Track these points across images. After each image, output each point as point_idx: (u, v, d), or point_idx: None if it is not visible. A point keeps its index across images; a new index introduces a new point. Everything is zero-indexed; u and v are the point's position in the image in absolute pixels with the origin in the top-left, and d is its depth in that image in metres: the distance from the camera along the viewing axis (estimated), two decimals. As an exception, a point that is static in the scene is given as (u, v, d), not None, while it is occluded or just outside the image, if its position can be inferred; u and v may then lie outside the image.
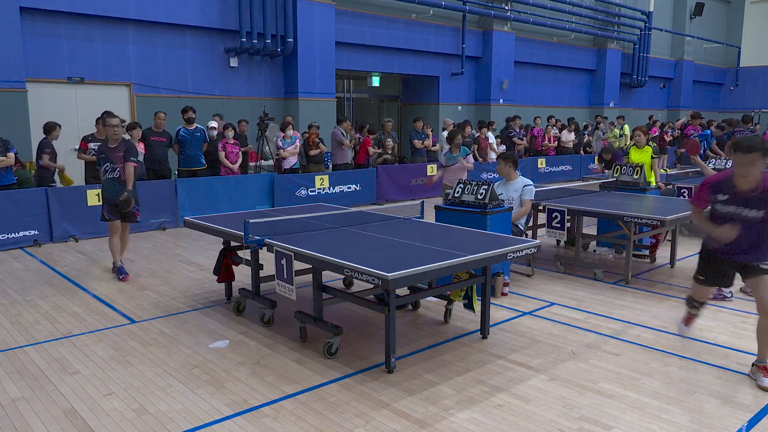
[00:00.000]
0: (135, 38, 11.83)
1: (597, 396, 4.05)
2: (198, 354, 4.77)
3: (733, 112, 29.25)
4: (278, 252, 4.74)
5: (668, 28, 25.60)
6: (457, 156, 8.73)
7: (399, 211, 6.20)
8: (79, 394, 4.08)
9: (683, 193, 9.04)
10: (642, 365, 4.55)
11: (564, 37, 20.67)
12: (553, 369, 4.48)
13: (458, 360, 4.64)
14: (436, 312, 5.74)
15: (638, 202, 7.38)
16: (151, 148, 9.93)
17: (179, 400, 4.00)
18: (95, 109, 10.44)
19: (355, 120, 16.02)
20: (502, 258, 4.65)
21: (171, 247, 8.68)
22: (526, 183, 6.81)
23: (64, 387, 4.19)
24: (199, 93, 12.65)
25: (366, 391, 4.10)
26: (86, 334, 5.22)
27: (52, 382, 4.28)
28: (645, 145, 8.58)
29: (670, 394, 4.08)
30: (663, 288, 6.62)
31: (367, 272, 3.99)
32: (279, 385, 4.21)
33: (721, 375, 4.40)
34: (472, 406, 3.91)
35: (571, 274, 7.14)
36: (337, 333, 4.70)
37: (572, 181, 14.22)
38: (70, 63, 11.09)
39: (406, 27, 16.15)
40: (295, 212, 6.34)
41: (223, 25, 12.76)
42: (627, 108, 23.94)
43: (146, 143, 9.87)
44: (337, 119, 13.47)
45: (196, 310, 5.89)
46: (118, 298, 6.26)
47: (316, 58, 13.82)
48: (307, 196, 11.37)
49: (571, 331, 5.29)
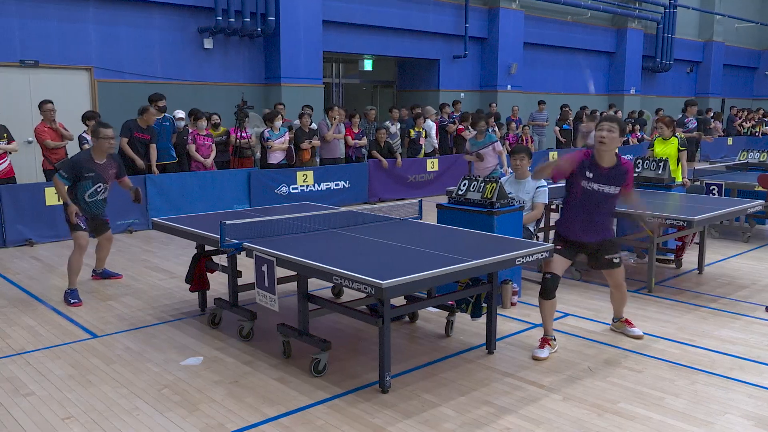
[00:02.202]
0: (96, 17, 11.80)
1: (616, 417, 4.07)
2: (168, 372, 4.76)
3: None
4: (258, 257, 4.74)
5: (696, 5, 25.72)
6: (481, 143, 9.15)
7: (394, 211, 6.21)
8: (33, 419, 4.06)
9: (712, 190, 9.09)
10: (667, 383, 4.57)
11: (579, 16, 20.74)
12: (567, 388, 4.49)
13: (461, 378, 4.65)
14: (437, 324, 5.75)
15: (662, 201, 7.41)
16: (134, 144, 9.91)
17: (147, 424, 3.99)
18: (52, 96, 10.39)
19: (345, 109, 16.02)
20: (510, 263, 4.66)
21: (138, 252, 8.66)
22: (539, 184, 6.85)
23: (16, 410, 4.17)
24: (168, 78, 12.63)
25: (357, 414, 4.11)
26: (41, 351, 5.19)
27: (2, 405, 4.25)
28: (670, 137, 8.62)
29: (699, 416, 4.10)
30: (690, 297, 6.66)
31: (358, 280, 3.99)
32: (259, 407, 4.21)
33: (754, 393, 4.42)
34: (477, 429, 3.91)
35: (588, 282, 7.17)
36: (325, 348, 4.70)
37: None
38: (23, 44, 11.05)
39: (402, 4, 16.17)
40: (277, 212, 6.33)
41: (196, 2, 12.75)
42: (650, 95, 24.05)
43: (129, 138, 9.84)
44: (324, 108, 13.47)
45: (165, 323, 5.87)
46: (77, 310, 6.24)
47: (300, 39, 13.82)
48: (288, 194, 11.36)
49: (588, 345, 5.31)
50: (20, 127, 10.42)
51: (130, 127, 9.87)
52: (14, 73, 11.05)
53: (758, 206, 7.29)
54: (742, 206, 7.17)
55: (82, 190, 6.53)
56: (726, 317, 6.01)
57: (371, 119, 13.48)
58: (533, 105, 18.04)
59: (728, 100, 27.75)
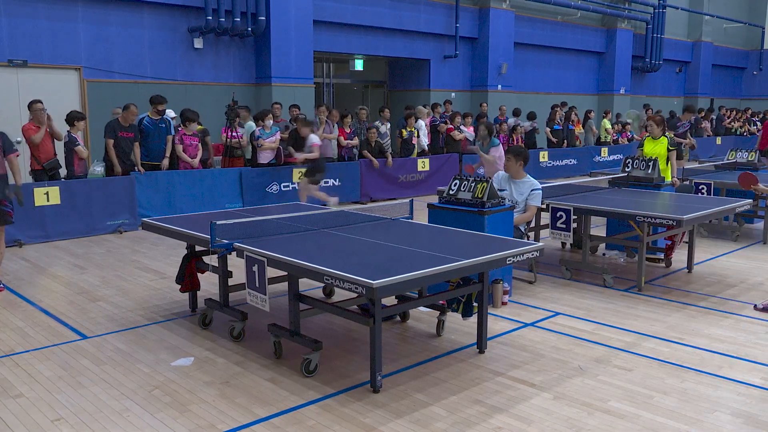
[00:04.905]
0: (85, 16, 11.73)
1: (607, 416, 4.08)
2: (158, 373, 4.75)
3: (757, 99, 29.69)
4: (249, 257, 4.73)
5: (684, 6, 25.88)
6: (486, 149, 9.49)
7: (385, 211, 6.21)
8: (22, 420, 4.04)
9: (701, 190, 9.14)
10: (656, 381, 4.60)
11: (569, 16, 20.82)
12: (558, 386, 4.51)
13: (452, 377, 4.65)
14: (428, 324, 5.76)
15: (652, 200, 7.45)
16: (119, 144, 9.86)
17: (137, 425, 3.97)
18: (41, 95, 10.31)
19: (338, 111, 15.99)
20: (501, 263, 4.67)
21: (128, 252, 8.62)
22: (534, 187, 6.87)
23: (5, 413, 4.15)
24: (158, 78, 12.57)
25: (349, 414, 4.11)
26: (31, 352, 5.16)
27: (-9, 406, 4.23)
28: (660, 136, 8.67)
29: (688, 414, 4.12)
30: (679, 295, 6.70)
31: (349, 280, 3.99)
32: (250, 407, 4.20)
33: (743, 391, 4.45)
34: (468, 429, 3.92)
35: (578, 281, 7.20)
36: (316, 348, 4.70)
37: (578, 177, 14.31)
38: (11, 43, 10.98)
39: (393, 4, 16.17)
40: (268, 212, 6.32)
41: (186, 2, 12.70)
42: (639, 95, 24.17)
43: (114, 138, 9.80)
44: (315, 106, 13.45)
45: (156, 323, 5.85)
46: (67, 310, 6.20)
47: (291, 39, 13.80)
48: (279, 191, 11.34)
49: (578, 344, 5.33)
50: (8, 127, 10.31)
51: (114, 128, 9.84)
52: (3, 72, 10.97)
53: (746, 205, 7.34)
54: (731, 205, 7.22)
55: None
56: (715, 315, 6.05)
57: (362, 119, 13.48)
58: (523, 105, 18.07)
59: (717, 99, 27.92)
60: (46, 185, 9.06)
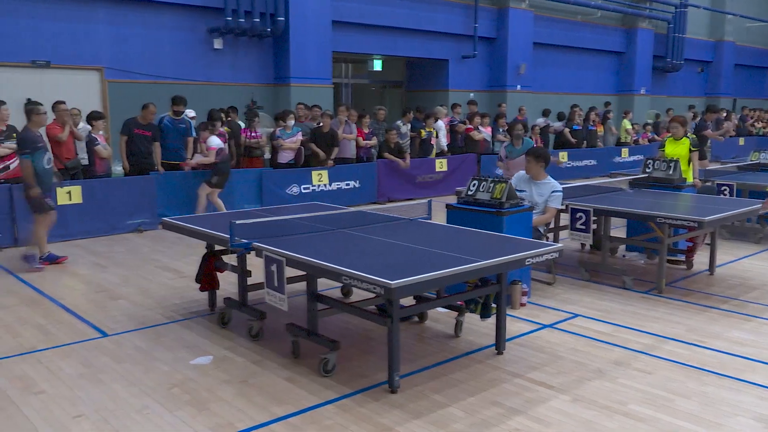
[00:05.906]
0: (106, 17, 11.86)
1: (626, 419, 4.05)
2: (178, 371, 4.78)
3: (780, 99, 29.23)
4: (268, 257, 4.75)
5: (706, 5, 25.56)
6: (519, 149, 9.18)
7: (403, 212, 6.21)
8: (44, 416, 4.09)
9: (723, 191, 9.03)
10: (677, 385, 4.55)
11: (589, 15, 20.67)
12: (576, 389, 4.48)
13: (470, 378, 4.64)
14: (446, 324, 5.75)
15: (673, 201, 7.38)
16: (134, 141, 9.97)
17: (157, 423, 4.01)
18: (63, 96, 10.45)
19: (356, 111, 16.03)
20: (519, 264, 4.66)
21: (148, 251, 8.70)
22: (554, 188, 6.83)
23: (27, 408, 4.20)
24: (178, 78, 12.67)
25: (366, 414, 4.11)
26: (52, 349, 5.23)
27: (14, 402, 4.29)
28: (682, 137, 8.58)
29: (708, 417, 4.08)
30: (700, 298, 6.62)
31: (367, 280, 4.00)
32: (268, 406, 4.22)
33: (764, 395, 4.40)
34: (486, 430, 3.91)
35: (598, 282, 7.14)
36: (334, 348, 4.71)
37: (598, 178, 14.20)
38: (34, 45, 11.12)
39: (411, 4, 16.16)
40: (286, 212, 6.34)
41: (205, 2, 12.79)
42: (660, 95, 23.93)
43: (129, 136, 9.91)
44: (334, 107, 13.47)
45: (175, 322, 5.90)
46: (88, 308, 6.27)
47: (310, 40, 13.84)
48: (299, 193, 11.38)
49: (597, 346, 5.30)
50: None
51: (129, 125, 9.97)
52: (26, 73, 11.12)
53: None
54: (754, 207, 7.13)
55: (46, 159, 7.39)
56: (737, 318, 5.97)
57: (380, 119, 13.49)
58: (542, 105, 17.98)
59: (739, 100, 27.57)
60: (68, 184, 9.17)
